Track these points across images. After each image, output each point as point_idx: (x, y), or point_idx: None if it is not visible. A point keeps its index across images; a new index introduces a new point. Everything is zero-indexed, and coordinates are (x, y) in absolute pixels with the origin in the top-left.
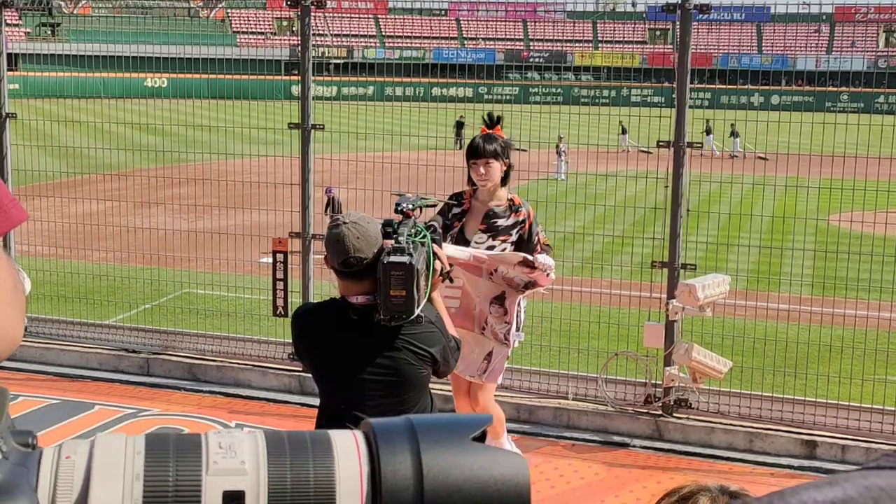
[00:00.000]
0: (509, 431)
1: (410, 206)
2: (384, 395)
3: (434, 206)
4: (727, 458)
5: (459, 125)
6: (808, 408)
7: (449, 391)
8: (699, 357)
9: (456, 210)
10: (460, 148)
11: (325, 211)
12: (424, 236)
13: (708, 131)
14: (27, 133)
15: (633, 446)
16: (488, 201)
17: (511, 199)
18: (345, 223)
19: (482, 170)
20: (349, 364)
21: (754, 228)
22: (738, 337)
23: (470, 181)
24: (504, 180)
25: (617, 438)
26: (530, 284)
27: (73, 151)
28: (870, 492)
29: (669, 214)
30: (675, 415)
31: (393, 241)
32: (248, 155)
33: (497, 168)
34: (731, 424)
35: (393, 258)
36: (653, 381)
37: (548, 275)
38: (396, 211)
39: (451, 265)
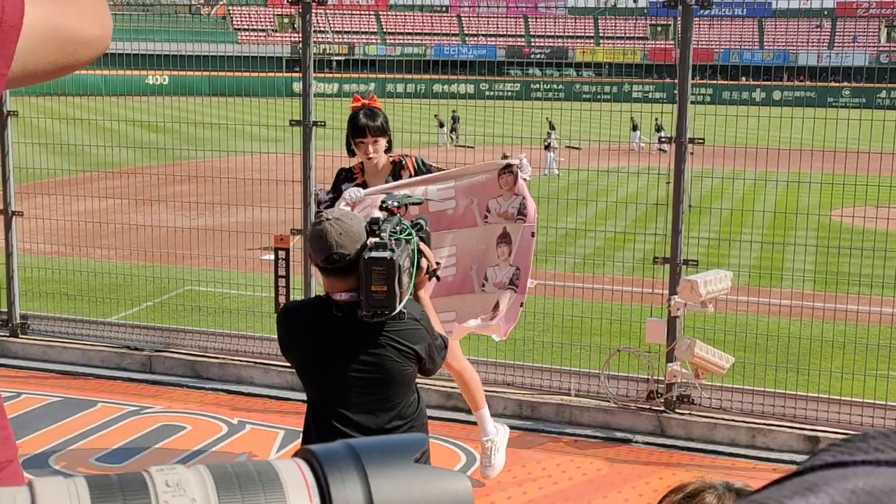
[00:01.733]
0: (512, 428)
1: (396, 204)
2: (369, 392)
3: (420, 203)
4: (729, 454)
5: (454, 119)
6: (811, 403)
7: (443, 388)
8: (701, 353)
9: (350, 185)
10: (454, 142)
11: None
12: (410, 234)
13: (634, 127)
14: (28, 131)
15: (636, 442)
16: (376, 173)
17: (393, 161)
18: (328, 220)
19: (370, 148)
20: (334, 361)
21: (756, 224)
22: (740, 333)
23: (352, 154)
24: (387, 151)
25: (619, 434)
26: (522, 208)
27: (74, 149)
28: (857, 497)
29: (671, 210)
30: (677, 411)
31: (377, 237)
32: (249, 152)
33: (383, 144)
34: (733, 420)
35: (374, 253)
36: (655, 378)
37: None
38: (382, 208)
39: (437, 263)
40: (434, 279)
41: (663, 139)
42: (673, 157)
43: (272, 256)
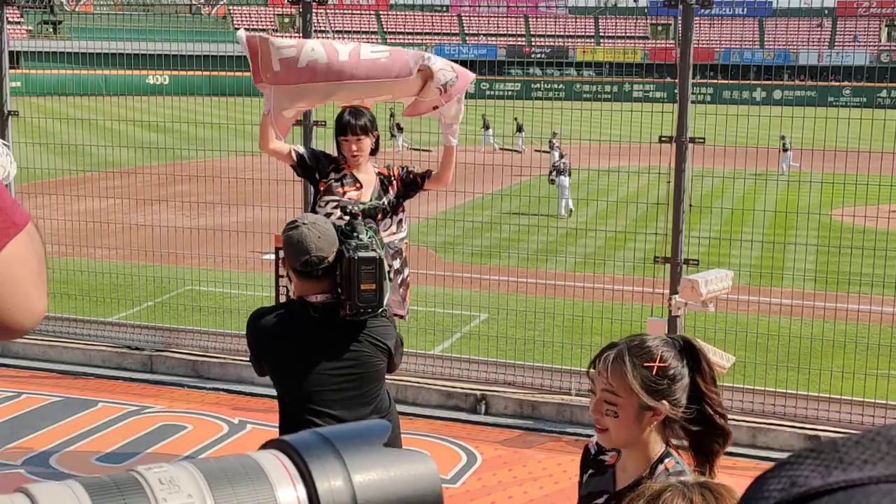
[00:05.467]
0: (513, 427)
1: (358, 208)
2: (350, 388)
3: (380, 207)
4: (730, 453)
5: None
6: (812, 403)
7: (443, 387)
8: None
9: (332, 171)
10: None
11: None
12: (373, 236)
13: (486, 126)
14: (29, 131)
15: None
16: (360, 172)
17: (380, 175)
18: (304, 224)
19: (354, 147)
20: (314, 360)
21: (757, 223)
22: (740, 332)
23: (340, 154)
24: (373, 152)
25: None
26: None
27: (75, 149)
28: None
29: (672, 210)
30: None
31: (356, 240)
32: (250, 152)
33: (367, 143)
34: (733, 419)
35: (362, 254)
36: None
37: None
38: (344, 213)
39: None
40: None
41: (523, 139)
42: (673, 157)
43: (272, 256)
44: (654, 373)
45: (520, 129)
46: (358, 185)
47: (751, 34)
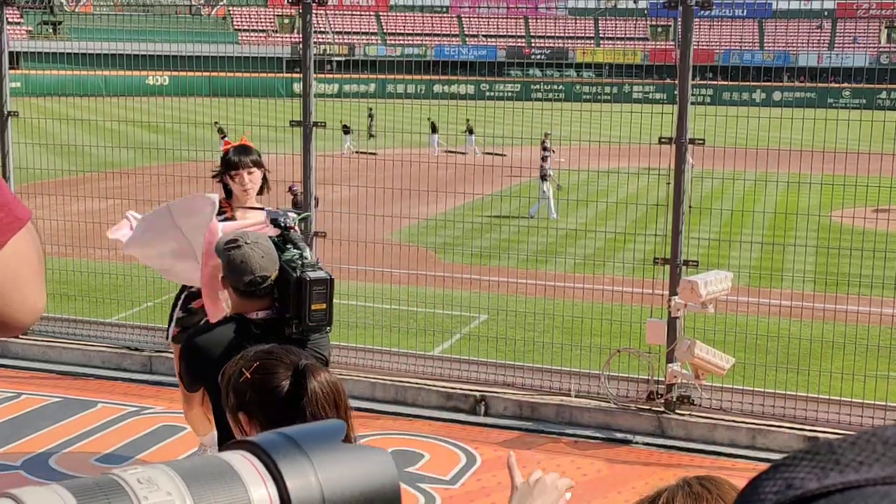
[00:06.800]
0: (512, 428)
1: (290, 222)
2: None
3: (306, 219)
4: (729, 455)
5: (370, 117)
6: (811, 404)
7: (443, 388)
8: (701, 353)
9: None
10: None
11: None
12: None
13: (434, 129)
14: (29, 131)
15: (636, 443)
16: (245, 210)
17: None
18: (246, 243)
19: (247, 178)
20: None
21: (756, 225)
22: (740, 333)
23: (227, 194)
24: (260, 190)
25: (619, 435)
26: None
27: (74, 149)
28: None
29: (671, 211)
30: (677, 411)
31: (298, 257)
32: None
33: (259, 176)
34: (733, 421)
35: (313, 274)
36: (655, 378)
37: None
38: (276, 226)
39: None
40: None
41: (474, 141)
42: (673, 158)
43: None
44: None
45: (470, 131)
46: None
47: (750, 36)
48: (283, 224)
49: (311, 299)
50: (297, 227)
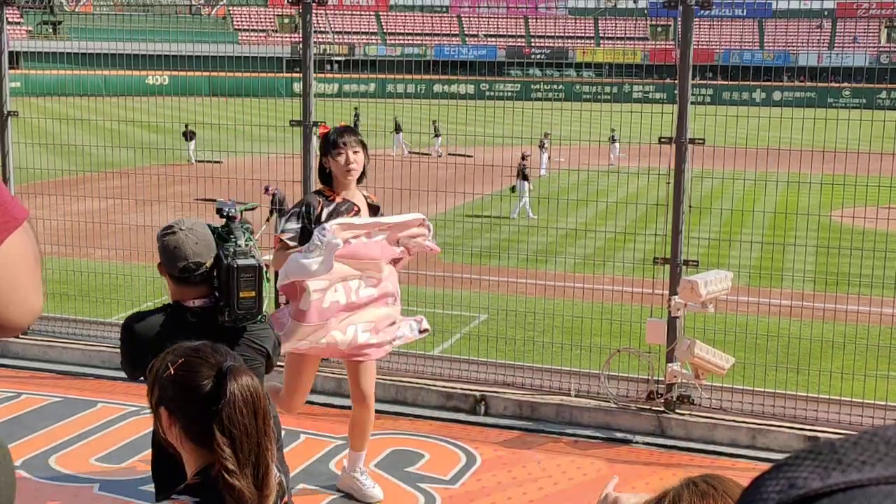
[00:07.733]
0: (512, 428)
1: (234, 211)
2: None
3: (253, 209)
4: (730, 455)
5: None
6: (811, 404)
7: (443, 388)
8: (701, 353)
9: (324, 207)
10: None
11: (271, 212)
12: (252, 239)
13: (398, 128)
14: (29, 131)
15: (636, 443)
16: (351, 194)
17: (371, 205)
18: (181, 229)
19: (352, 155)
20: None
21: (756, 224)
22: (740, 333)
23: (325, 179)
24: (361, 178)
25: (619, 435)
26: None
27: (74, 149)
28: None
29: (671, 211)
30: (677, 411)
31: (234, 245)
32: (249, 152)
33: (362, 158)
34: (733, 421)
35: (241, 261)
36: (655, 378)
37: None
38: (220, 215)
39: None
40: None
41: (440, 142)
42: (673, 158)
43: (272, 256)
44: None
45: (437, 132)
46: (356, 209)
47: (750, 35)
48: (226, 213)
49: (240, 287)
50: (241, 216)
